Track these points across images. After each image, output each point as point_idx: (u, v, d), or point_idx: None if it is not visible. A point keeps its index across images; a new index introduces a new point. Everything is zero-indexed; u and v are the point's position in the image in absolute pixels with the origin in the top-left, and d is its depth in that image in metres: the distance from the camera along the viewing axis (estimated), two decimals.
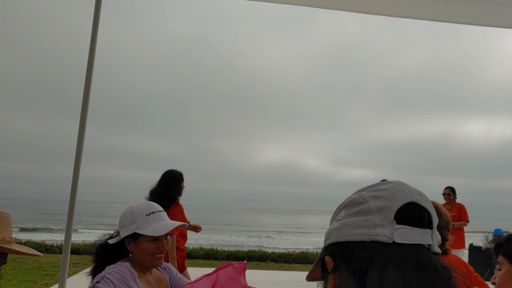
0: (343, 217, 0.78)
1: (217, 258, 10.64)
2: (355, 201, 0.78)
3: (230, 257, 10.68)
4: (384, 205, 0.74)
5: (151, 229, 1.87)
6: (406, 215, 0.73)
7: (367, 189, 0.80)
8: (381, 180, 0.82)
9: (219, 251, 11.02)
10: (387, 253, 0.69)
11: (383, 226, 0.72)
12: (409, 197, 0.75)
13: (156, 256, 1.92)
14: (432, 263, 0.70)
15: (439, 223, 2.40)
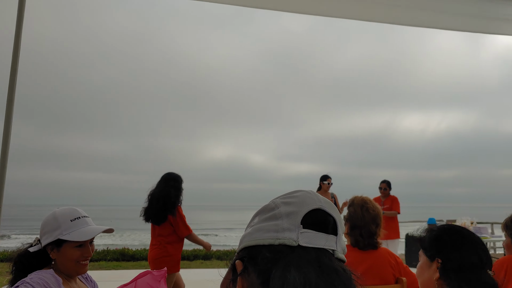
0: (256, 223, 0.82)
1: None
2: (268, 207, 0.82)
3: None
4: (293, 210, 0.78)
5: (76, 234, 1.82)
6: (312, 220, 0.78)
7: (280, 197, 0.84)
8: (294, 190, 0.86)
9: None
10: (291, 256, 0.73)
11: (290, 230, 0.76)
12: (318, 204, 0.80)
13: (81, 262, 1.86)
14: (332, 266, 0.74)
15: (366, 217, 2.47)
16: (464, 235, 1.56)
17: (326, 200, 0.83)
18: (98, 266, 9.36)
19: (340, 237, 0.80)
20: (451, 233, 1.58)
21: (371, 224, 2.50)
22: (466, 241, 1.54)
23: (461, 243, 1.54)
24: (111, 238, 34.02)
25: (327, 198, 4.30)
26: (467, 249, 1.52)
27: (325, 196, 6.88)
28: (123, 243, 28.19)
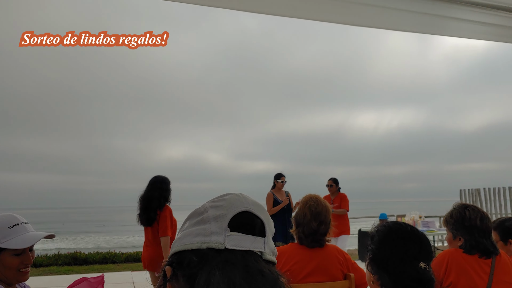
0: (186, 227, 0.82)
1: (115, 261, 10.21)
2: (198, 211, 0.83)
3: (129, 259, 10.31)
4: (220, 214, 0.79)
5: (14, 242, 1.75)
6: (239, 223, 0.79)
7: (210, 201, 0.85)
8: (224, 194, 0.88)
9: (117, 254, 10.57)
10: (218, 259, 0.74)
11: (217, 234, 0.77)
12: (245, 206, 0.81)
13: (21, 270, 1.80)
14: (258, 268, 0.75)
15: (307, 215, 2.52)
16: (392, 229, 1.62)
17: (255, 202, 0.84)
18: (48, 271, 9.04)
19: (269, 238, 0.81)
20: (381, 229, 1.65)
21: (313, 222, 2.52)
22: (394, 236, 1.59)
23: (389, 238, 1.59)
24: (64, 242, 32.91)
25: (281, 196, 4.33)
26: (391, 243, 1.57)
27: (280, 195, 6.93)
28: (76, 246, 27.34)
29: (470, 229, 2.35)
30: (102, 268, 9.36)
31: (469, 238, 2.35)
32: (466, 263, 2.29)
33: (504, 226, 2.87)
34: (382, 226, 1.67)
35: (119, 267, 9.51)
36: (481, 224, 2.35)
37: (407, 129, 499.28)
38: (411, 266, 1.52)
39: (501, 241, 2.85)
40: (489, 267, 2.28)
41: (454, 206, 2.52)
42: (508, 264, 2.35)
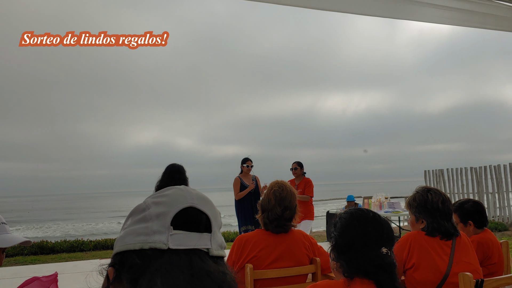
0: (128, 225, 0.77)
1: (84, 249, 10.06)
2: (139, 208, 0.78)
3: (98, 247, 10.18)
4: (163, 211, 0.74)
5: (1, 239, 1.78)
6: (183, 220, 0.74)
7: (152, 196, 0.80)
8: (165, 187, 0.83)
9: (85, 242, 10.40)
10: (161, 261, 0.70)
11: (160, 233, 0.72)
12: (189, 201, 0.76)
13: None
14: (204, 268, 0.71)
15: (272, 200, 2.52)
16: (353, 215, 1.64)
17: (199, 196, 0.79)
18: (14, 261, 8.83)
19: (215, 233, 0.77)
20: (344, 216, 1.67)
21: (277, 207, 2.52)
22: (353, 221, 1.61)
23: (351, 225, 1.61)
24: (30, 231, 32.16)
25: (248, 181, 4.34)
26: (352, 228, 1.59)
27: (247, 179, 6.93)
28: (43, 235, 26.75)
29: (432, 212, 2.40)
30: (69, 257, 9.20)
31: (431, 221, 2.40)
32: (428, 245, 2.34)
33: (463, 208, 2.96)
34: (345, 213, 1.68)
35: (88, 255, 9.37)
36: (443, 207, 2.41)
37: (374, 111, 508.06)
38: (373, 251, 1.53)
39: (461, 222, 2.94)
40: (450, 249, 2.34)
41: (417, 189, 2.56)
42: (468, 245, 2.42)
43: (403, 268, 2.37)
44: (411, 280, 2.33)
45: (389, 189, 9.33)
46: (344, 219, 1.64)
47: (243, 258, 2.47)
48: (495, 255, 2.87)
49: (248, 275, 2.40)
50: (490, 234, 2.96)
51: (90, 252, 9.87)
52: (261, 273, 2.43)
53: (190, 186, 4.02)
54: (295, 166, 7.40)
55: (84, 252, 9.83)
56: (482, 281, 2.11)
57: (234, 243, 2.55)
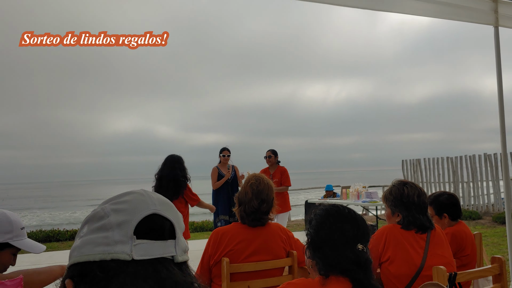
0: (86, 233, 0.72)
1: (60, 239, 9.91)
2: (97, 215, 0.73)
3: (74, 236, 10.04)
4: (124, 220, 0.70)
5: (26, 244, 1.80)
6: (147, 229, 0.71)
7: (110, 201, 0.75)
8: (125, 192, 0.79)
9: (61, 231, 10.26)
10: (125, 273, 0.66)
11: (123, 243, 0.68)
12: (151, 208, 0.73)
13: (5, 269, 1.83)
14: (171, 279, 0.69)
15: (248, 193, 2.50)
16: (329, 212, 1.61)
17: (161, 201, 0.76)
18: None
19: (179, 239, 0.75)
20: (319, 213, 1.64)
21: (254, 200, 2.49)
22: (329, 218, 1.59)
23: (327, 222, 1.58)
24: None
25: (226, 170, 4.38)
26: (328, 226, 1.57)
27: (224, 169, 6.95)
28: None
29: (408, 206, 2.42)
30: (46, 247, 9.06)
31: (407, 214, 2.42)
32: (403, 238, 2.36)
33: (438, 201, 2.99)
34: (320, 210, 1.66)
35: (64, 245, 9.24)
36: (418, 201, 2.42)
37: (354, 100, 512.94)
38: (348, 248, 1.52)
39: (436, 215, 2.98)
40: (425, 242, 2.36)
41: (393, 183, 2.58)
42: (442, 238, 2.45)
43: (378, 261, 2.39)
44: (387, 273, 2.35)
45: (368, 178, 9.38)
46: (319, 216, 1.62)
47: (219, 252, 2.45)
48: (468, 247, 2.92)
49: (225, 269, 2.38)
50: (464, 226, 3.00)
51: (67, 242, 9.73)
52: (238, 266, 2.42)
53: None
54: (269, 154, 7.10)
55: (61, 242, 9.69)
56: (455, 274, 2.13)
57: (211, 237, 2.52)
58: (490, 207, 12.16)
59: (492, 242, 7.90)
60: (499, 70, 4.74)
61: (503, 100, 4.75)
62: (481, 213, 11.97)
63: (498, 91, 4.73)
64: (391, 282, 2.34)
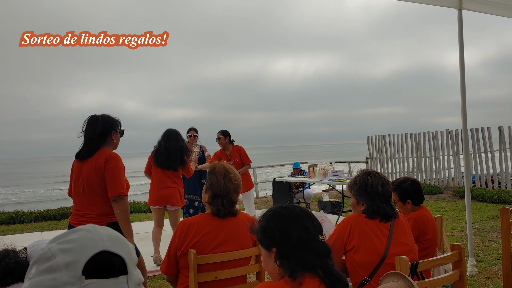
0: (33, 275, 0.70)
1: (24, 221, 9.68)
2: (44, 256, 0.71)
3: (39, 218, 9.83)
4: (71, 260, 0.68)
5: None
6: (96, 267, 0.69)
7: (57, 240, 0.73)
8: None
9: (25, 213, 10.00)
10: None
11: (71, 284, 0.67)
12: (100, 245, 0.71)
13: None
14: None
15: (228, 187, 2.49)
16: (285, 216, 1.59)
17: (109, 236, 0.74)
18: None
19: (132, 273, 0.73)
20: (274, 219, 1.61)
21: (233, 194, 2.51)
22: (289, 221, 1.57)
23: (286, 226, 1.56)
24: None
25: (191, 150, 4.42)
26: (292, 228, 1.55)
27: (192, 149, 6.94)
28: None
29: (372, 195, 2.46)
30: (9, 230, 8.85)
31: (371, 204, 2.46)
32: (368, 228, 2.41)
33: (402, 187, 3.07)
34: (272, 215, 1.62)
35: (28, 227, 9.04)
36: (382, 190, 2.47)
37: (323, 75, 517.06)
38: (316, 242, 1.53)
39: (400, 201, 3.05)
40: (388, 230, 2.42)
41: (358, 172, 2.61)
42: (405, 226, 2.52)
43: (344, 249, 2.43)
44: (351, 261, 2.40)
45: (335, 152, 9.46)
46: (277, 223, 1.59)
47: (186, 244, 2.44)
48: (430, 231, 3.01)
49: (192, 260, 2.38)
50: (426, 211, 3.09)
51: (31, 223, 9.52)
52: (205, 258, 2.42)
53: (126, 149, 3.89)
54: (219, 135, 6.91)
55: (25, 224, 9.48)
56: (417, 263, 2.20)
57: (177, 228, 2.51)
58: (450, 182, 12.60)
59: (452, 216, 8.20)
60: (461, 50, 4.84)
61: (464, 80, 4.86)
62: (442, 187, 12.39)
63: (460, 70, 4.83)
64: (355, 270, 2.39)
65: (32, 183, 42.28)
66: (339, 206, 8.97)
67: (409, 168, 13.39)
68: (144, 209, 10.61)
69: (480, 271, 4.81)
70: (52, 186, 37.80)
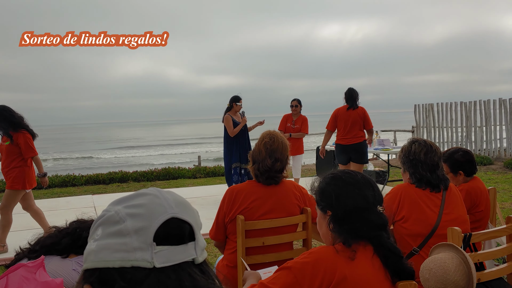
0: (101, 237, 0.70)
1: (75, 184, 10.14)
2: (112, 219, 0.70)
3: (90, 182, 10.26)
4: (142, 226, 0.68)
5: None
6: (166, 234, 0.68)
7: (123, 203, 0.72)
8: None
9: (77, 177, 10.46)
10: (148, 282, 0.65)
11: (142, 250, 0.66)
12: (169, 212, 0.70)
13: None
14: (194, 285, 0.68)
15: (262, 152, 2.47)
16: (346, 181, 1.56)
17: (178, 202, 0.73)
18: None
19: (199, 239, 0.73)
20: (333, 183, 1.58)
21: (268, 159, 2.48)
22: (348, 187, 1.54)
23: (344, 191, 1.54)
24: None
25: (238, 118, 4.47)
26: (350, 195, 1.52)
27: (237, 117, 7.02)
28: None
29: (415, 163, 2.40)
30: (62, 192, 9.29)
31: (413, 172, 2.41)
32: (418, 197, 2.35)
33: (453, 158, 2.97)
34: (331, 178, 1.60)
35: (80, 190, 9.46)
36: (425, 158, 2.39)
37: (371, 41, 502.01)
38: (373, 212, 1.50)
39: (451, 172, 2.95)
40: (440, 201, 2.36)
41: (408, 140, 2.55)
42: (457, 197, 2.44)
43: (392, 219, 2.40)
44: (400, 231, 2.36)
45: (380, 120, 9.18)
46: (335, 186, 1.57)
47: (234, 210, 2.48)
48: (483, 203, 2.92)
49: (240, 226, 2.41)
50: (479, 182, 2.98)
51: (82, 187, 9.96)
52: (252, 224, 2.45)
53: (183, 117, 3.97)
54: (296, 103, 7.57)
55: (76, 187, 9.92)
56: (470, 235, 2.14)
57: (225, 195, 2.54)
58: (502, 153, 12.10)
59: (502, 188, 7.92)
60: None
61: None
62: (493, 158, 11.93)
63: None
64: (404, 240, 2.36)
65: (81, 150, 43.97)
66: (384, 176, 8.83)
67: (457, 138, 12.94)
68: (188, 175, 10.86)
69: None
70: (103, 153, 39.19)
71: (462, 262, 1.95)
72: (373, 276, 1.44)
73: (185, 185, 9.67)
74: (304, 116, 7.65)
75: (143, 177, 10.69)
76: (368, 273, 1.43)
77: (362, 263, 1.44)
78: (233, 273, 2.52)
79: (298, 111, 7.60)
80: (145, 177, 10.68)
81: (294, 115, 7.60)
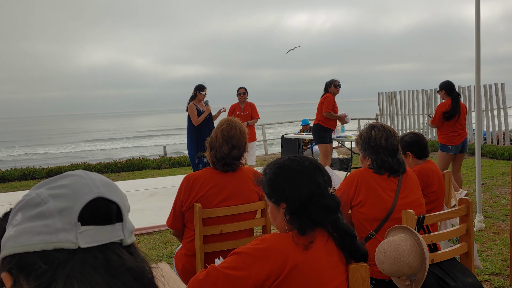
0: (20, 221, 0.65)
1: (36, 177, 9.84)
2: (33, 201, 0.66)
3: (51, 174, 9.97)
4: (66, 206, 0.64)
5: None
6: (92, 214, 0.65)
7: (46, 186, 0.68)
8: None
9: (37, 169, 10.15)
10: (72, 263, 0.61)
11: (66, 231, 0.63)
12: (95, 191, 0.66)
13: None
14: (123, 265, 0.65)
15: (219, 139, 2.45)
16: (295, 170, 1.51)
17: (104, 182, 0.70)
18: None
19: (126, 219, 0.70)
20: (283, 173, 1.53)
21: (224, 146, 2.45)
22: (299, 176, 1.50)
23: (296, 180, 1.49)
24: None
25: (202, 107, 4.38)
26: (302, 184, 1.48)
27: (201, 106, 6.95)
28: None
29: (376, 149, 2.41)
30: (21, 185, 9.01)
31: (375, 158, 2.42)
32: (375, 182, 2.37)
33: (403, 140, 3.09)
34: (280, 169, 1.54)
35: None
36: (386, 143, 2.41)
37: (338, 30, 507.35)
38: (326, 196, 1.48)
39: (402, 154, 3.02)
40: (396, 185, 2.38)
41: (364, 126, 2.56)
42: (413, 180, 2.48)
43: (350, 204, 2.41)
44: (358, 215, 2.38)
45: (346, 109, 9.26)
46: (286, 177, 1.51)
47: (191, 198, 2.44)
48: (435, 183, 2.99)
49: (197, 214, 2.38)
50: (432, 164, 3.07)
51: (43, 179, 9.66)
52: (210, 211, 2.42)
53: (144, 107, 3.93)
54: (243, 91, 7.71)
55: (37, 180, 9.63)
56: (423, 217, 2.18)
57: (182, 183, 2.50)
58: None
59: (461, 173, 8.16)
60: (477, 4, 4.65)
61: (479, 34, 4.69)
62: None
63: (476, 24, 4.66)
64: (361, 225, 2.38)
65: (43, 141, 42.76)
66: (347, 163, 8.96)
67: (419, 125, 13.25)
68: (153, 165, 10.70)
69: (487, 227, 4.81)
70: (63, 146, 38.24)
71: (416, 244, 1.99)
72: (326, 262, 1.42)
73: (150, 176, 9.54)
74: (251, 102, 7.80)
75: (107, 168, 10.48)
76: (321, 260, 1.41)
77: (315, 250, 1.41)
78: (192, 262, 2.49)
79: (245, 99, 7.73)
80: (109, 169, 10.47)
81: (241, 102, 7.72)
